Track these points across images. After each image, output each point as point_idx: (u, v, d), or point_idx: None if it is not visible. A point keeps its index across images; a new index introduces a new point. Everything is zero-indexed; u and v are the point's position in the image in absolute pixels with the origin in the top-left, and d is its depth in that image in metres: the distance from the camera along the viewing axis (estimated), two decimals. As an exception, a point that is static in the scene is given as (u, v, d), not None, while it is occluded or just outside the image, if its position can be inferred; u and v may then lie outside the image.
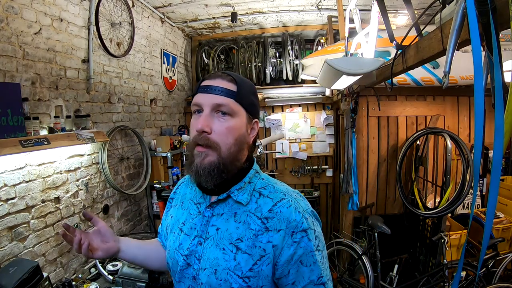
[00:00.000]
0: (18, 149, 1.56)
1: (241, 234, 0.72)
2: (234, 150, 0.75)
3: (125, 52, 2.85)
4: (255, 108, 0.81)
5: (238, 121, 0.75)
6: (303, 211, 0.73)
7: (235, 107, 0.74)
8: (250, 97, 0.79)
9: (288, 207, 0.72)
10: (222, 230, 0.75)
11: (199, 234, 0.77)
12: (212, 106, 0.74)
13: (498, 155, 0.73)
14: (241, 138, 0.76)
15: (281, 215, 0.71)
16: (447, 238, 2.45)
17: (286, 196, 0.75)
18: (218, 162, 0.73)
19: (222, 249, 0.72)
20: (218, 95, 0.73)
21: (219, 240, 0.74)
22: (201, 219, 0.79)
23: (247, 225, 0.73)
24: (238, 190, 0.77)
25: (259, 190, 0.77)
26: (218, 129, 0.73)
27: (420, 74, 2.58)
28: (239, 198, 0.76)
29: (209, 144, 0.73)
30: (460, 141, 2.58)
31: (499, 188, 0.76)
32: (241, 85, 0.76)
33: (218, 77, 0.77)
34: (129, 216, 2.92)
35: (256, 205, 0.74)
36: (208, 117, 0.74)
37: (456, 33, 0.98)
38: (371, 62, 1.92)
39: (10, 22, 1.71)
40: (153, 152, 3.18)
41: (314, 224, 0.74)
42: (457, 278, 1.43)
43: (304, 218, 0.72)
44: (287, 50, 4.30)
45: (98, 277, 2.07)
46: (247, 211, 0.74)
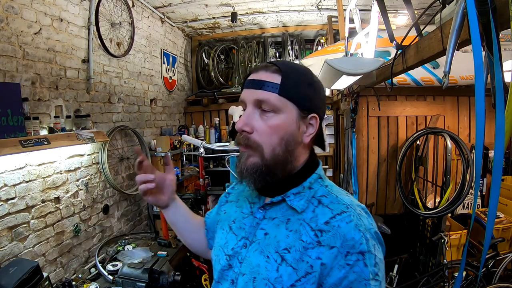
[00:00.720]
0: (18, 149, 1.56)
1: (290, 244, 0.64)
2: (280, 151, 0.66)
3: (125, 52, 2.85)
4: (312, 102, 0.69)
5: (284, 118, 0.66)
6: (364, 230, 0.62)
7: (279, 102, 0.65)
8: (302, 88, 0.67)
9: (348, 222, 0.62)
10: (270, 235, 0.68)
11: (246, 235, 0.71)
12: (254, 102, 0.67)
13: (499, 155, 0.73)
14: (288, 137, 0.66)
15: (338, 230, 0.61)
16: (447, 238, 2.45)
17: (348, 210, 0.64)
18: (262, 165, 0.66)
19: (266, 257, 0.65)
20: (259, 90, 0.66)
21: (264, 246, 0.67)
22: (251, 219, 0.73)
23: (298, 235, 0.64)
24: (295, 195, 0.68)
25: (319, 198, 0.68)
26: (260, 128, 0.66)
27: (420, 74, 2.58)
28: (294, 204, 0.67)
29: (249, 144, 0.67)
30: (460, 141, 2.58)
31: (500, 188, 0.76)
32: (288, 76, 0.66)
33: (262, 68, 0.68)
34: (129, 216, 2.92)
35: (313, 214, 0.65)
36: (250, 115, 0.67)
37: (456, 33, 0.98)
38: (371, 62, 1.91)
39: (10, 22, 1.71)
40: (153, 152, 3.18)
41: (376, 248, 0.62)
42: (459, 278, 1.43)
43: (364, 238, 0.60)
44: (287, 50, 4.30)
45: (98, 277, 2.07)
46: (301, 220, 0.66)
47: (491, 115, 0.78)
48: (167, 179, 0.86)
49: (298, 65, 0.71)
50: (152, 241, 2.65)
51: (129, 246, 2.45)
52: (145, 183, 0.80)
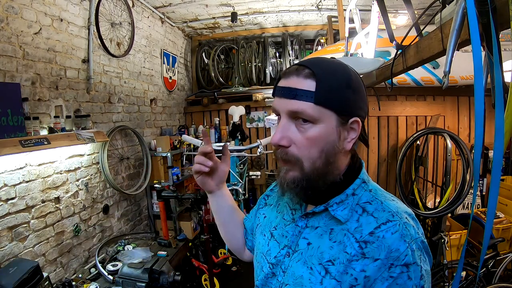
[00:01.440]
0: (18, 149, 1.56)
1: (334, 255, 0.61)
2: (321, 164, 0.62)
3: (125, 52, 2.85)
4: (353, 105, 0.62)
5: (323, 128, 0.61)
6: (410, 241, 0.57)
7: (316, 112, 0.60)
8: (340, 93, 0.61)
9: (393, 232, 0.58)
10: (313, 246, 0.64)
11: (289, 244, 0.69)
12: (288, 113, 0.62)
13: (498, 155, 0.73)
14: (329, 148, 0.62)
15: (383, 241, 0.57)
16: (447, 238, 2.45)
17: (394, 218, 0.59)
18: (302, 178, 0.62)
19: (310, 268, 0.63)
20: (292, 100, 0.60)
21: (308, 257, 0.64)
22: (293, 228, 0.70)
23: (343, 246, 0.61)
24: (338, 204, 0.64)
25: (363, 205, 0.63)
26: (298, 141, 0.62)
27: (420, 74, 2.58)
28: (337, 214, 0.63)
29: (288, 159, 0.63)
30: (460, 141, 2.58)
31: (499, 188, 0.76)
32: (324, 80, 0.60)
33: (293, 73, 0.62)
34: (129, 216, 2.92)
35: (357, 224, 0.61)
36: (285, 128, 0.62)
37: (456, 33, 0.98)
38: (371, 62, 1.91)
39: (10, 22, 1.71)
40: (153, 152, 3.18)
41: (422, 259, 0.58)
42: (457, 278, 1.43)
43: (410, 249, 0.56)
44: (287, 50, 4.30)
45: (98, 277, 2.07)
46: (345, 230, 0.62)
47: (491, 115, 0.78)
48: (220, 169, 0.87)
49: (333, 63, 0.64)
50: (152, 241, 2.65)
51: (129, 246, 2.45)
52: (201, 165, 0.82)
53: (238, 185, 2.73)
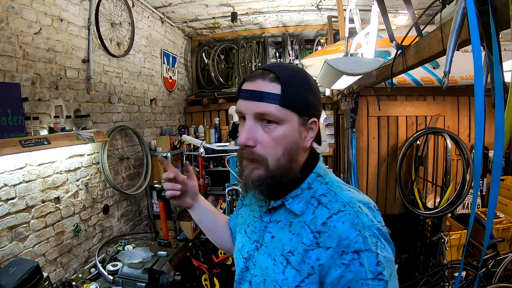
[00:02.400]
0: (18, 149, 1.56)
1: (293, 247, 0.65)
2: (284, 162, 0.66)
3: (125, 52, 2.85)
4: (312, 106, 0.68)
5: (287, 129, 0.65)
6: (362, 228, 0.59)
7: (281, 113, 0.64)
8: (302, 95, 0.66)
9: (344, 221, 0.61)
10: (276, 238, 0.69)
11: (257, 239, 0.74)
12: (254, 115, 0.65)
13: (498, 155, 0.73)
14: (292, 146, 0.66)
15: (334, 231, 0.61)
16: (447, 238, 2.45)
17: (345, 208, 0.63)
18: (267, 176, 0.66)
19: (273, 260, 0.67)
20: (259, 102, 0.64)
21: (271, 249, 0.69)
22: (260, 223, 0.75)
23: (300, 238, 0.65)
24: (293, 198, 0.68)
25: (318, 197, 0.67)
26: (264, 141, 0.65)
27: (420, 74, 2.58)
28: (293, 207, 0.67)
29: (254, 159, 0.66)
30: (460, 141, 2.58)
31: (499, 188, 0.76)
32: (288, 83, 0.64)
33: (258, 76, 0.66)
34: (129, 216, 2.92)
35: (313, 215, 0.65)
36: (251, 128, 0.66)
37: (456, 33, 0.98)
38: (371, 62, 1.91)
39: (10, 22, 1.71)
40: (153, 152, 3.18)
41: (379, 246, 0.59)
42: (458, 278, 1.43)
43: (361, 236, 0.58)
44: (287, 50, 4.30)
45: (98, 277, 2.07)
46: (302, 222, 0.66)
47: (491, 115, 0.78)
48: (189, 185, 0.94)
49: (295, 68, 0.70)
50: (152, 241, 2.65)
51: (129, 246, 2.45)
52: (172, 190, 0.89)
53: (237, 185, 2.73)
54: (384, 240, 0.61)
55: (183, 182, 0.91)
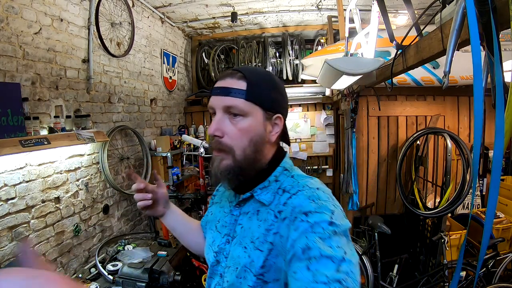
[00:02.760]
0: (18, 149, 1.56)
1: (261, 233, 0.71)
2: (250, 152, 0.72)
3: (125, 52, 2.85)
4: (276, 104, 0.75)
5: (252, 121, 0.72)
6: (317, 199, 0.64)
7: (247, 106, 0.71)
8: (266, 92, 0.74)
9: (302, 196, 0.67)
10: (245, 228, 0.74)
11: (228, 232, 0.78)
12: (222, 108, 0.72)
13: (498, 155, 0.73)
14: (257, 138, 0.73)
15: (291, 204, 0.67)
16: (447, 238, 2.45)
17: (304, 188, 0.69)
18: (234, 165, 0.72)
19: (244, 248, 0.72)
20: (227, 97, 0.71)
21: (242, 239, 0.74)
22: (230, 217, 0.80)
23: (266, 222, 0.71)
24: (261, 189, 0.75)
25: (284, 188, 0.73)
26: (230, 132, 0.72)
27: (420, 74, 2.58)
28: (261, 198, 0.74)
29: (222, 148, 0.72)
30: (460, 141, 2.58)
31: (499, 188, 0.76)
32: (253, 81, 0.72)
33: (228, 76, 0.74)
34: (129, 216, 2.92)
35: (278, 201, 0.72)
36: (220, 121, 0.72)
37: (456, 33, 0.98)
38: (371, 62, 1.91)
39: (10, 22, 1.71)
40: (153, 152, 3.18)
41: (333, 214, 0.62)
42: (456, 278, 1.43)
43: (314, 203, 0.63)
44: (287, 50, 4.30)
45: (98, 277, 2.07)
46: (269, 209, 0.72)
47: (491, 115, 0.78)
48: (160, 193, 0.96)
49: (261, 70, 0.78)
50: (152, 241, 2.65)
51: (129, 246, 2.45)
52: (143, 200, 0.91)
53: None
54: (341, 211, 0.65)
55: (153, 191, 0.93)
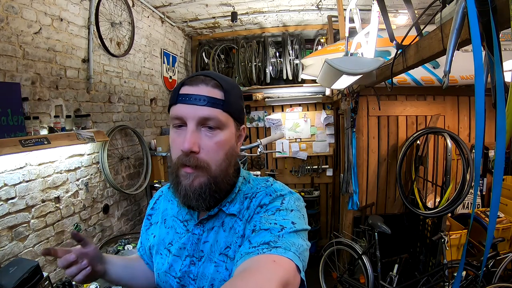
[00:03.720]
0: (18, 149, 1.56)
1: (229, 241, 0.68)
2: (225, 166, 0.68)
3: (125, 52, 2.85)
4: (243, 113, 0.73)
5: (227, 134, 0.67)
6: (273, 192, 0.70)
7: (224, 118, 0.65)
8: (238, 102, 0.70)
9: (260, 195, 0.70)
10: (213, 243, 0.70)
11: (190, 253, 0.72)
12: (198, 120, 0.64)
13: (500, 155, 0.73)
14: (231, 151, 0.69)
15: (253, 205, 0.69)
16: (447, 238, 2.45)
17: (260, 189, 0.72)
18: (209, 183, 0.65)
19: (214, 262, 0.68)
20: (203, 106, 0.63)
21: (211, 255, 0.69)
22: (190, 237, 0.73)
23: (233, 230, 0.69)
24: (230, 202, 0.71)
25: (246, 195, 0.73)
26: (207, 146, 0.64)
27: (420, 74, 2.58)
28: (231, 210, 0.71)
29: (198, 165, 0.64)
30: (460, 141, 2.58)
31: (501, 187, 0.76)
32: (228, 91, 0.67)
33: (201, 82, 0.65)
34: (129, 215, 2.92)
35: (243, 208, 0.71)
36: (194, 134, 0.64)
37: (456, 32, 0.98)
38: (371, 61, 1.91)
39: (10, 22, 1.71)
40: (153, 152, 3.18)
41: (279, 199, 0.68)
42: (458, 277, 1.43)
43: (269, 196, 0.69)
44: (287, 49, 4.30)
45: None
46: (236, 218, 0.70)
47: (491, 115, 0.78)
48: (90, 252, 0.76)
49: (229, 78, 0.73)
50: (152, 241, 2.65)
51: (129, 246, 2.45)
52: (81, 271, 0.73)
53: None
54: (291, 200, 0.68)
55: (85, 255, 0.74)
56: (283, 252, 0.55)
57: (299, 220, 0.63)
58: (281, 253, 0.54)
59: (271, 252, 0.55)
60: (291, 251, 0.56)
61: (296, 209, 0.66)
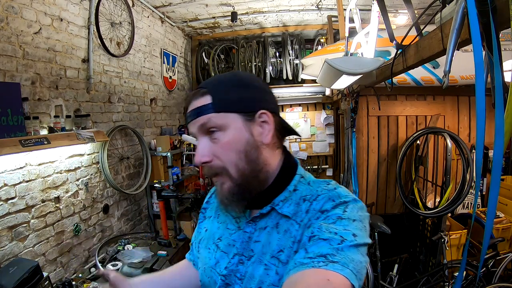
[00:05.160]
0: (18, 149, 1.56)
1: (282, 245, 0.65)
2: (245, 164, 0.65)
3: (125, 52, 2.85)
4: (252, 100, 0.67)
5: (232, 132, 0.65)
6: (337, 197, 0.64)
7: (218, 118, 0.65)
8: (234, 93, 0.66)
9: (321, 200, 0.65)
10: (265, 244, 0.67)
11: (239, 252, 0.69)
12: (200, 130, 0.66)
13: (498, 155, 0.73)
14: (246, 147, 0.65)
15: (313, 210, 0.65)
16: (447, 237, 2.44)
17: (323, 192, 0.67)
18: (235, 185, 0.65)
19: (265, 265, 0.65)
20: (196, 119, 0.66)
21: (262, 256, 0.66)
22: (241, 235, 0.71)
23: (289, 233, 0.65)
24: (283, 201, 0.68)
25: (304, 197, 0.68)
26: (217, 152, 0.65)
27: (420, 74, 2.58)
28: (284, 211, 0.67)
29: (216, 172, 0.66)
30: (460, 141, 2.58)
31: (499, 187, 0.76)
32: (216, 89, 0.66)
33: (192, 98, 0.68)
34: (129, 215, 2.92)
35: (300, 211, 0.67)
36: (202, 145, 0.66)
37: (456, 32, 0.98)
38: (371, 61, 1.91)
39: (10, 22, 1.71)
40: (153, 152, 3.18)
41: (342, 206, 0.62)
42: (459, 278, 1.43)
43: (332, 201, 0.63)
44: (287, 49, 4.30)
45: (98, 277, 2.07)
46: (291, 221, 0.66)
47: (491, 114, 0.78)
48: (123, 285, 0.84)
49: (224, 75, 0.71)
50: (152, 241, 2.65)
51: (129, 246, 2.45)
52: None
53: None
54: (354, 208, 0.63)
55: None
56: (340, 269, 0.52)
57: (360, 232, 0.60)
58: (338, 270, 0.52)
59: (327, 268, 0.52)
60: (348, 268, 0.53)
61: (359, 220, 0.62)
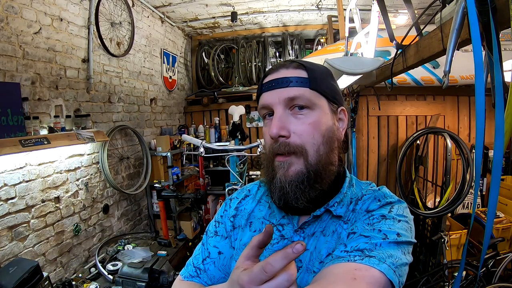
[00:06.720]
0: (18, 149, 1.56)
1: (331, 247, 0.60)
2: (325, 150, 0.60)
3: (125, 52, 2.85)
4: (338, 94, 0.65)
5: (320, 114, 0.60)
6: (383, 197, 0.62)
7: (313, 96, 0.60)
8: (328, 81, 0.64)
9: (368, 200, 0.63)
10: (312, 251, 0.62)
11: None
12: (284, 102, 0.60)
13: (498, 155, 0.73)
14: (329, 133, 0.61)
15: (359, 209, 0.63)
16: (447, 237, 2.45)
17: (368, 192, 0.65)
18: (307, 171, 0.59)
19: (313, 272, 0.60)
20: (286, 88, 0.59)
21: (310, 264, 0.61)
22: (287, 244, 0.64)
23: (337, 234, 0.61)
24: (338, 203, 0.63)
25: (351, 197, 0.66)
26: (299, 129, 0.59)
27: (420, 74, 2.58)
28: (338, 212, 0.63)
29: (291, 150, 0.59)
30: (460, 141, 2.58)
31: (499, 187, 0.76)
32: (313, 69, 0.62)
33: (281, 67, 0.63)
34: (129, 215, 2.92)
35: (348, 211, 0.64)
36: (282, 118, 0.60)
37: (456, 32, 0.98)
38: (371, 61, 1.91)
39: (10, 22, 1.71)
40: (153, 152, 3.18)
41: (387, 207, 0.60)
42: (458, 278, 1.43)
43: (378, 201, 0.61)
44: (287, 49, 4.30)
45: (98, 277, 2.07)
46: (339, 221, 0.63)
47: (491, 114, 0.78)
48: None
49: (312, 61, 0.68)
50: (152, 241, 2.65)
51: (129, 246, 2.45)
52: None
53: (238, 184, 2.73)
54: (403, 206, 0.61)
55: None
56: (376, 263, 0.49)
57: (405, 232, 0.56)
58: (373, 264, 0.48)
59: (363, 262, 0.49)
60: (385, 263, 0.49)
61: (404, 220, 0.59)
